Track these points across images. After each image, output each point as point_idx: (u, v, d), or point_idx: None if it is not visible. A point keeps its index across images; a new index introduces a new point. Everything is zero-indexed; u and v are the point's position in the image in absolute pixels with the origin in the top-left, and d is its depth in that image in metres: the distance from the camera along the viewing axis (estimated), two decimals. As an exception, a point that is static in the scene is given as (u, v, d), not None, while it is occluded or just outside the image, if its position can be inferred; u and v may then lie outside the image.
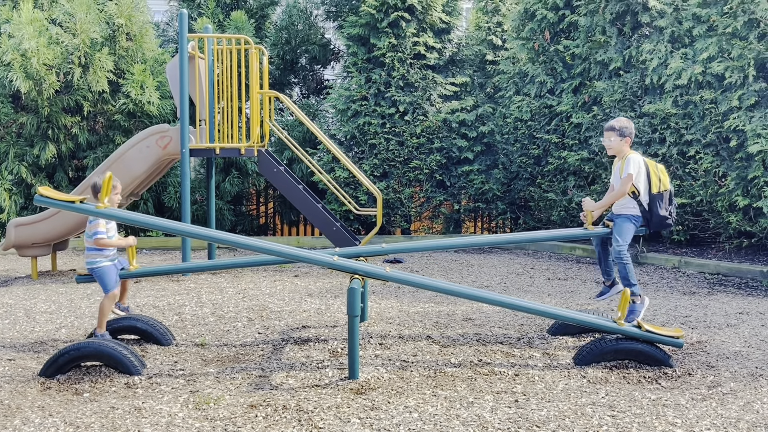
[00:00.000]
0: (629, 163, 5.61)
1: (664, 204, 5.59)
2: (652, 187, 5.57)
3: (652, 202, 5.58)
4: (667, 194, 5.62)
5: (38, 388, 4.50)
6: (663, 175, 5.62)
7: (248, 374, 4.80)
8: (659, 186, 5.57)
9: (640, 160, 5.63)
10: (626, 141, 5.71)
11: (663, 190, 5.59)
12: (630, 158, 5.63)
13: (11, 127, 11.63)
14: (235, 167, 12.89)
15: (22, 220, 8.75)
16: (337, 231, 9.18)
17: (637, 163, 5.60)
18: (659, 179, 5.58)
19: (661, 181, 5.59)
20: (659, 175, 5.59)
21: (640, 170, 5.59)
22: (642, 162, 5.63)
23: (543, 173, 11.65)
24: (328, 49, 14.22)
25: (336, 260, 5.03)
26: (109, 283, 5.32)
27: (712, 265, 8.91)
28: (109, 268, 5.34)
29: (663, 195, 5.59)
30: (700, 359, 5.15)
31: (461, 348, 5.47)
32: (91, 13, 11.31)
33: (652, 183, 5.57)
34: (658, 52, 9.57)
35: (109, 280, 5.31)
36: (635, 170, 5.57)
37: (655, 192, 5.57)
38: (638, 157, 5.65)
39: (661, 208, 5.58)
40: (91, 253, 5.34)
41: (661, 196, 5.58)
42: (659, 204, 5.58)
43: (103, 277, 5.31)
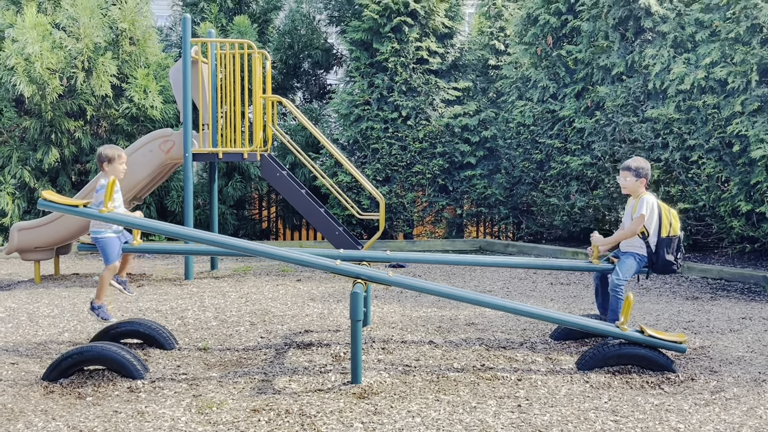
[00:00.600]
0: (643, 203, 5.62)
1: (671, 249, 5.59)
2: (662, 230, 5.58)
3: (659, 245, 5.59)
4: (676, 240, 5.61)
5: (41, 392, 4.51)
6: (675, 221, 5.62)
7: (251, 378, 4.80)
8: (669, 230, 5.57)
9: (654, 202, 5.64)
10: (642, 181, 5.71)
11: (672, 235, 5.58)
12: (644, 199, 5.64)
13: (14, 132, 11.66)
14: (238, 171, 12.90)
15: (25, 224, 8.76)
16: (340, 235, 9.19)
17: (651, 205, 5.61)
18: (670, 224, 5.58)
19: (672, 226, 5.59)
20: (671, 220, 5.60)
21: (653, 212, 5.60)
22: (655, 204, 5.64)
23: (545, 178, 11.65)
24: (331, 54, 14.25)
25: (339, 264, 5.04)
26: (111, 255, 5.32)
27: (715, 270, 8.91)
28: (113, 240, 5.35)
29: (672, 240, 5.59)
30: (703, 364, 5.14)
31: (464, 353, 5.47)
32: (95, 18, 11.34)
33: (662, 226, 5.58)
34: (660, 57, 9.57)
35: (111, 252, 5.31)
36: (648, 212, 5.58)
37: (664, 236, 5.57)
38: (652, 199, 5.66)
39: (668, 253, 5.57)
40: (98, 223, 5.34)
41: (669, 241, 5.58)
42: (666, 249, 5.58)
43: (106, 248, 5.31)
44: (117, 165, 5.85)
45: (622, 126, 10.11)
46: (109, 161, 5.81)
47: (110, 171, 5.83)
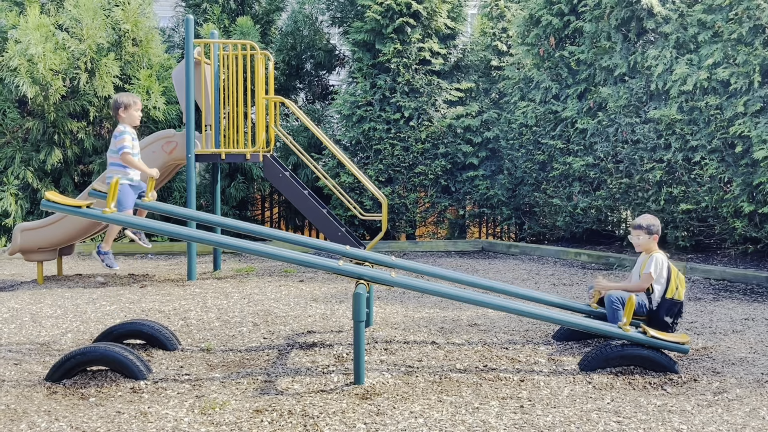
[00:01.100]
0: (653, 262, 5.64)
1: (672, 313, 5.60)
2: (667, 292, 5.59)
3: (661, 306, 5.60)
4: (679, 305, 5.61)
5: (44, 393, 4.51)
6: (681, 287, 5.62)
7: (254, 379, 4.81)
8: (675, 294, 5.58)
9: (664, 263, 5.66)
10: (654, 238, 5.75)
11: (676, 299, 5.59)
12: (654, 257, 5.67)
13: (17, 132, 11.68)
14: (241, 172, 12.91)
15: (28, 224, 8.78)
16: (342, 236, 9.19)
17: (660, 265, 5.63)
18: (676, 288, 5.59)
19: (678, 290, 5.59)
20: (677, 285, 5.60)
21: (662, 273, 5.63)
22: (665, 265, 5.66)
23: (548, 179, 11.65)
24: (334, 55, 14.25)
25: (341, 265, 5.04)
26: (125, 201, 5.30)
27: (718, 271, 8.90)
28: (128, 188, 5.34)
29: (675, 304, 5.59)
30: (705, 365, 5.14)
31: (466, 353, 5.47)
32: (98, 19, 11.36)
33: (669, 288, 5.59)
34: (663, 57, 9.57)
35: (125, 198, 5.30)
36: (656, 272, 5.61)
37: (669, 297, 5.58)
38: (663, 259, 5.69)
39: (668, 315, 5.59)
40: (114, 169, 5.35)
41: (672, 304, 5.58)
42: (667, 311, 5.58)
43: (120, 195, 5.28)
44: (133, 111, 5.87)
45: (625, 127, 10.11)
46: (125, 107, 5.83)
47: (126, 118, 5.84)
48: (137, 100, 5.74)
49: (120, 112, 5.87)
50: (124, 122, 5.70)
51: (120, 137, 5.29)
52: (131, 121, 5.89)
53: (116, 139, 5.35)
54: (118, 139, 5.31)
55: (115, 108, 5.87)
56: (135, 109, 5.90)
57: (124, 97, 5.91)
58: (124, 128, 5.33)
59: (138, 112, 5.93)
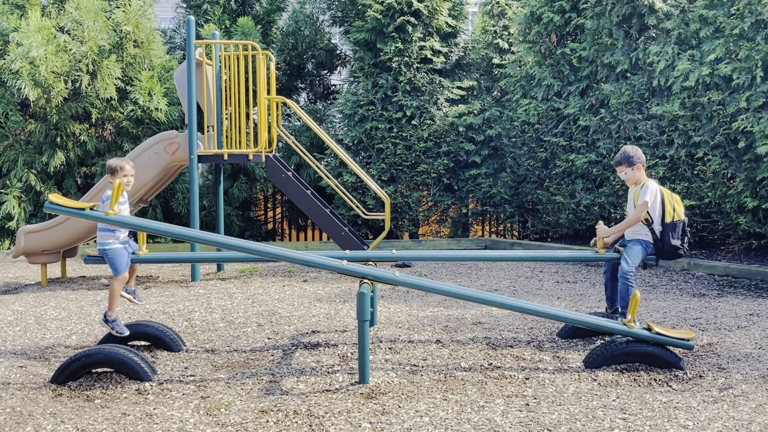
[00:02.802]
0: (645, 190, 5.61)
1: (676, 234, 5.57)
2: (665, 216, 5.57)
3: (664, 231, 5.57)
4: (681, 225, 5.59)
5: (50, 395, 4.52)
6: (678, 206, 5.61)
7: (259, 379, 4.81)
8: (673, 215, 5.56)
9: (656, 188, 5.63)
10: (638, 167, 5.72)
11: (677, 220, 5.57)
12: (646, 185, 5.63)
13: (20, 135, 11.69)
14: (243, 173, 12.92)
15: (32, 227, 8.79)
16: (345, 236, 9.19)
17: (653, 191, 5.60)
18: (674, 209, 5.57)
19: (675, 210, 5.57)
20: (674, 205, 5.58)
21: (656, 198, 5.59)
22: (658, 190, 5.63)
23: (551, 176, 11.64)
24: (335, 54, 14.26)
25: (345, 265, 5.04)
26: (120, 266, 5.33)
27: (722, 266, 8.89)
28: (121, 251, 5.36)
29: (676, 225, 5.57)
30: (710, 361, 5.13)
31: (471, 352, 5.47)
32: (99, 21, 11.36)
33: (666, 212, 5.57)
34: (665, 54, 9.56)
35: (119, 263, 5.32)
36: (651, 198, 5.57)
37: (669, 221, 5.56)
38: (654, 185, 5.65)
39: (674, 237, 5.56)
40: (104, 235, 5.36)
41: (674, 226, 5.56)
42: (671, 234, 5.56)
43: (114, 260, 5.31)
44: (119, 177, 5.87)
45: (627, 123, 10.10)
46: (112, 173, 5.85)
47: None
48: (125, 165, 5.73)
49: (109, 177, 5.89)
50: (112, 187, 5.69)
51: (107, 202, 5.30)
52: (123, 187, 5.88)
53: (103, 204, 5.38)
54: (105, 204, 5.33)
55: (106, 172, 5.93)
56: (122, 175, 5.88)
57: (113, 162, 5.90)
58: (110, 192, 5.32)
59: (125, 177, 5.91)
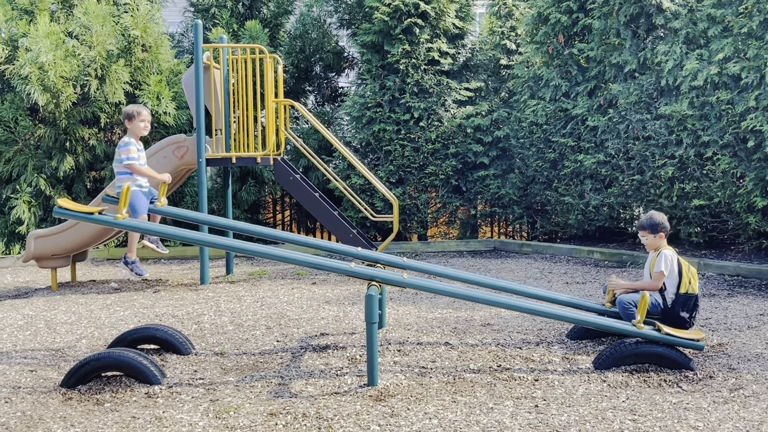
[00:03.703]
0: (662, 259, 5.60)
1: (687, 307, 5.55)
2: (680, 287, 5.55)
3: (675, 302, 5.56)
4: (693, 299, 5.56)
5: (60, 399, 4.54)
6: (694, 280, 5.58)
7: (267, 382, 4.81)
8: (688, 288, 5.54)
9: (674, 259, 5.61)
10: (660, 236, 5.72)
11: (690, 293, 5.54)
12: (663, 254, 5.62)
13: (29, 140, 11.74)
14: (252, 176, 12.94)
15: (42, 231, 8.82)
16: (354, 238, 9.19)
17: (670, 261, 5.59)
18: (689, 282, 5.54)
19: (691, 284, 5.55)
20: (690, 278, 5.56)
21: (673, 267, 5.58)
22: (675, 260, 5.61)
23: (559, 177, 11.62)
24: (342, 57, 14.26)
25: (353, 267, 5.04)
26: (139, 206, 5.32)
27: (732, 266, 8.85)
28: (139, 193, 5.37)
29: (689, 298, 5.54)
30: (721, 362, 5.11)
31: (480, 353, 5.46)
32: (107, 26, 11.40)
33: (681, 283, 5.55)
34: (673, 53, 9.52)
35: (138, 204, 5.32)
36: (667, 269, 5.56)
37: (683, 292, 5.54)
38: (672, 255, 5.64)
39: (683, 310, 5.54)
40: (122, 177, 5.37)
41: (687, 298, 5.54)
42: (682, 306, 5.54)
43: (133, 201, 5.31)
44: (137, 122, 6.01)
45: (636, 123, 10.07)
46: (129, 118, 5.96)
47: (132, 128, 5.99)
48: (141, 110, 5.79)
49: (126, 123, 5.98)
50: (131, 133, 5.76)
51: (124, 148, 5.34)
52: (135, 131, 5.96)
53: (120, 149, 5.41)
54: (122, 149, 5.36)
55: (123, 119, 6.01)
56: (138, 120, 5.95)
57: (129, 108, 6.04)
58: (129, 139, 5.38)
59: (142, 122, 5.97)
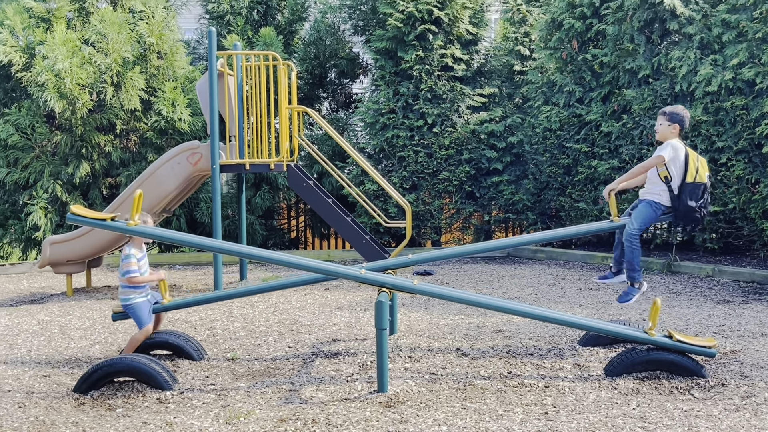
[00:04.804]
0: (666, 146, 5.48)
1: (695, 195, 5.41)
2: (687, 176, 5.40)
3: (682, 190, 5.42)
4: (702, 187, 5.42)
5: (72, 404, 4.58)
6: (702, 168, 5.44)
7: (278, 388, 4.83)
8: (695, 176, 5.40)
9: (680, 147, 5.47)
10: (674, 127, 5.56)
11: (698, 182, 5.41)
12: (669, 142, 5.50)
13: (46, 146, 11.84)
14: (266, 182, 12.99)
15: (57, 237, 8.89)
16: (367, 244, 9.20)
17: (674, 148, 5.45)
18: (696, 170, 5.40)
19: (698, 172, 5.41)
20: (697, 166, 5.42)
21: (677, 155, 5.43)
22: (681, 149, 5.47)
23: (573, 183, 11.59)
24: (356, 63, 14.30)
25: (363, 273, 5.06)
26: (143, 319, 5.41)
27: (747, 273, 8.79)
28: (143, 304, 5.44)
29: (697, 186, 5.41)
30: (733, 369, 5.08)
31: (491, 360, 5.46)
32: (123, 33, 11.50)
33: (688, 172, 5.40)
34: (687, 59, 9.49)
35: (142, 315, 5.41)
36: (669, 154, 5.43)
37: (689, 181, 5.40)
38: (678, 144, 5.50)
39: (691, 199, 5.40)
40: (126, 290, 5.44)
41: (694, 187, 5.40)
42: (690, 194, 5.41)
43: (137, 313, 5.41)
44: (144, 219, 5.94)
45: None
46: None
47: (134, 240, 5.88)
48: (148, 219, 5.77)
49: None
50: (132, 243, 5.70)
51: (126, 261, 5.38)
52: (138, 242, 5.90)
53: (122, 263, 5.44)
54: (124, 263, 5.40)
55: None
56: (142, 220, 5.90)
57: None
58: (129, 251, 5.37)
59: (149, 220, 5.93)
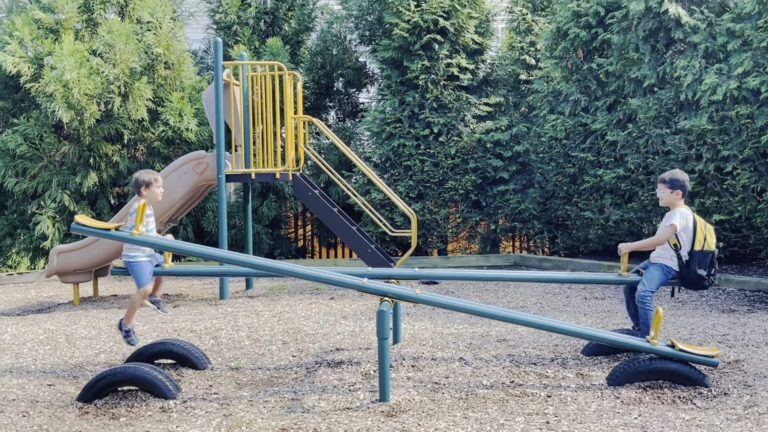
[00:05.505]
0: (675, 214, 5.60)
1: (704, 264, 5.51)
2: (695, 244, 5.51)
3: (691, 258, 5.53)
4: (710, 256, 5.53)
5: (76, 413, 4.60)
6: (710, 236, 5.55)
7: (281, 397, 4.85)
8: (703, 245, 5.51)
9: (689, 215, 5.60)
10: (677, 193, 5.69)
11: (707, 250, 5.51)
12: (677, 210, 5.63)
13: (54, 156, 11.91)
14: (273, 191, 13.03)
15: (64, 247, 8.94)
16: (372, 253, 9.23)
17: (684, 216, 5.57)
18: (705, 238, 5.51)
19: (707, 240, 5.52)
20: (706, 234, 5.53)
21: (687, 224, 5.55)
22: (690, 217, 5.59)
23: (579, 192, 11.59)
24: (363, 73, 14.35)
25: (365, 282, 5.07)
26: (143, 278, 5.39)
27: (753, 282, 8.77)
28: (145, 264, 5.42)
29: (705, 255, 5.51)
30: (736, 378, 5.07)
31: (494, 369, 5.46)
32: (130, 44, 11.57)
33: (696, 240, 5.51)
34: (692, 68, 9.50)
35: (143, 275, 5.39)
36: (680, 223, 5.54)
37: (698, 249, 5.51)
38: (687, 211, 5.63)
39: (701, 267, 5.51)
40: (130, 248, 5.42)
41: (703, 255, 5.51)
42: (699, 263, 5.51)
43: (138, 272, 5.38)
44: (155, 189, 5.88)
45: (655, 138, 10.03)
46: (146, 186, 5.85)
47: (148, 195, 5.86)
48: (158, 177, 5.75)
49: (142, 190, 5.84)
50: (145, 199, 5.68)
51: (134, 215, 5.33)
52: (153, 197, 5.88)
53: (130, 217, 5.41)
54: (132, 217, 5.36)
55: (137, 186, 5.84)
56: (156, 186, 5.88)
57: (145, 175, 5.84)
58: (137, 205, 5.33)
59: (159, 188, 5.92)
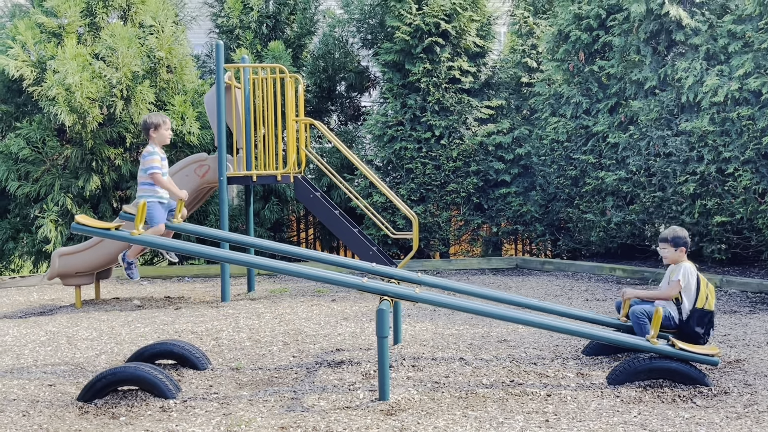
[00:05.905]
0: (680, 269, 5.62)
1: (703, 323, 5.53)
2: (697, 302, 5.54)
3: (691, 316, 5.55)
4: (709, 315, 5.55)
5: (76, 413, 4.61)
6: (711, 296, 5.57)
7: (281, 397, 4.85)
8: (705, 304, 5.53)
9: (692, 272, 5.62)
10: (680, 251, 5.71)
11: (707, 309, 5.54)
12: (682, 265, 5.64)
13: (57, 160, 11.94)
14: (275, 195, 13.04)
15: (66, 249, 8.96)
16: (374, 255, 9.24)
17: (688, 273, 5.60)
18: (706, 297, 5.54)
19: (708, 300, 5.54)
20: (707, 294, 5.56)
21: (690, 280, 5.58)
22: (694, 274, 5.61)
23: (581, 194, 11.58)
24: (365, 76, 14.37)
25: (365, 282, 5.08)
26: (157, 216, 5.36)
27: (755, 283, 8.76)
28: (158, 204, 5.41)
29: (705, 314, 5.53)
30: (737, 377, 5.07)
31: (494, 369, 5.46)
32: (133, 47, 11.61)
33: (698, 298, 5.54)
34: (693, 69, 9.50)
35: (156, 213, 5.36)
36: (684, 280, 5.57)
37: (699, 307, 5.53)
38: (691, 268, 5.65)
39: (698, 325, 5.52)
40: (145, 188, 5.42)
41: (703, 314, 5.52)
42: (697, 321, 5.52)
43: (152, 211, 5.35)
44: (163, 131, 5.99)
45: (657, 140, 10.03)
46: (155, 128, 5.95)
47: (157, 138, 5.95)
48: (167, 119, 5.84)
49: (151, 133, 5.98)
50: (154, 142, 5.79)
51: (149, 157, 5.40)
52: (161, 140, 5.99)
53: (145, 159, 5.46)
54: (147, 159, 5.42)
55: (146, 128, 5.98)
56: (165, 129, 5.99)
57: (154, 117, 6.02)
58: (153, 149, 5.43)
59: (168, 131, 6.02)
